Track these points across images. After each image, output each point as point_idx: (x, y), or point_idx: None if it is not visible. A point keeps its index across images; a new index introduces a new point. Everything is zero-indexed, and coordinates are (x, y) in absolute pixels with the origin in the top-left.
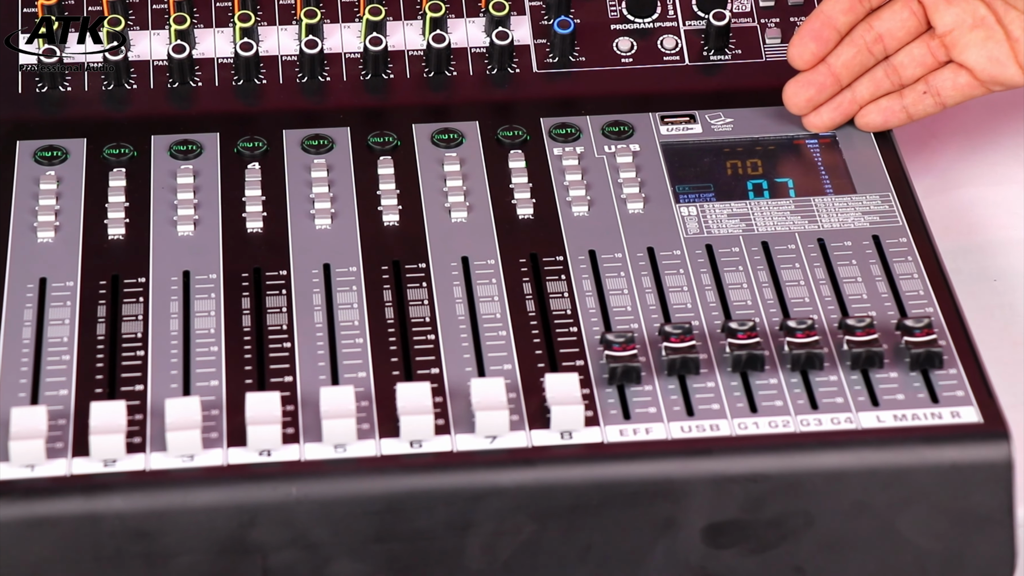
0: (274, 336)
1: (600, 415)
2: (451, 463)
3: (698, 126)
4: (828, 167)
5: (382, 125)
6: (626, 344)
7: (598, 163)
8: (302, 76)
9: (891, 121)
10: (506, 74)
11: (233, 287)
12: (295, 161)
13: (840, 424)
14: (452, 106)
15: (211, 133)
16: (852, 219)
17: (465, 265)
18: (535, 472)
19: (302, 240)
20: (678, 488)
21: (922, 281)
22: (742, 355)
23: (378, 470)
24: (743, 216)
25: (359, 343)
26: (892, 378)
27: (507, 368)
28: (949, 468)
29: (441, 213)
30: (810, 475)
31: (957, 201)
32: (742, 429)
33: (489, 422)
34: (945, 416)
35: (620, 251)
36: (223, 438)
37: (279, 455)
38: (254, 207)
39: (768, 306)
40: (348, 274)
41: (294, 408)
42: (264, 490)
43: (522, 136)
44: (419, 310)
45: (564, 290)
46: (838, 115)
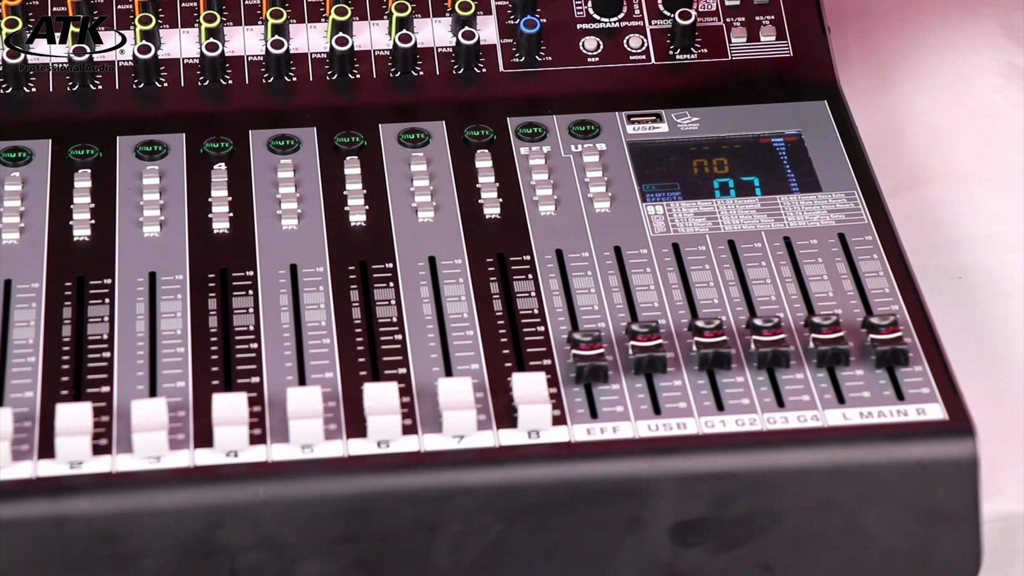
0: (241, 337)
1: (567, 414)
2: (418, 463)
3: (664, 125)
4: (794, 166)
5: (349, 125)
6: (593, 343)
7: (565, 162)
8: (268, 76)
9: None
10: (472, 74)
11: (199, 288)
12: (261, 161)
13: (806, 422)
14: (419, 106)
15: (177, 134)
16: (818, 217)
17: (432, 265)
18: (502, 471)
19: (269, 240)
20: (645, 487)
21: (887, 279)
22: (709, 353)
23: (345, 470)
24: (709, 215)
25: (326, 343)
26: (858, 376)
27: (474, 368)
28: (915, 465)
29: (408, 213)
30: (777, 473)
31: (922, 199)
32: (709, 427)
33: (456, 422)
34: (911, 413)
35: (587, 250)
36: (190, 439)
37: (246, 456)
38: (220, 208)
39: (735, 304)
40: (315, 274)
41: (261, 409)
42: (231, 491)
43: (489, 136)
44: (386, 310)
45: (531, 289)
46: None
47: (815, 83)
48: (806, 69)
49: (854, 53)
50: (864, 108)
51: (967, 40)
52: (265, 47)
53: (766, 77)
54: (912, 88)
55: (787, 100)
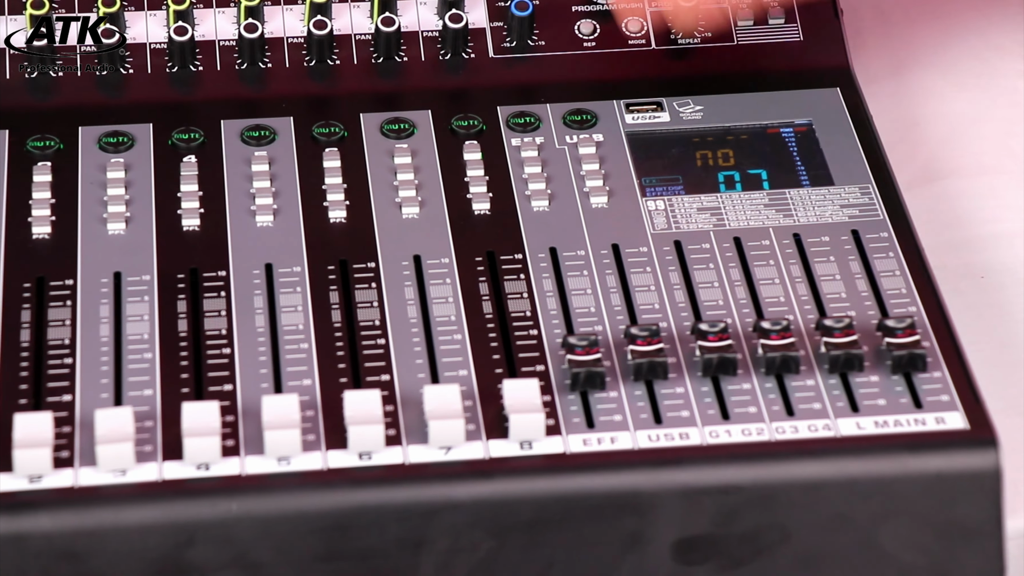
0: (212, 341)
1: (562, 423)
2: (403, 476)
3: (666, 114)
4: (804, 157)
5: (328, 115)
6: (589, 348)
7: (559, 154)
8: (241, 62)
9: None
10: (460, 59)
11: (168, 289)
12: (234, 153)
13: (818, 431)
14: (403, 94)
15: (144, 124)
16: (830, 213)
17: (417, 264)
18: (493, 485)
19: (242, 238)
20: (645, 501)
21: (904, 278)
22: (713, 359)
23: (325, 484)
24: (714, 210)
25: (304, 348)
26: (873, 382)
27: (462, 374)
28: (934, 478)
29: (391, 209)
30: (786, 486)
31: (941, 193)
32: (713, 437)
33: (443, 432)
34: (929, 422)
35: (583, 248)
36: (158, 451)
37: (218, 469)
38: (190, 203)
39: (741, 306)
40: (292, 274)
41: (234, 418)
42: (202, 507)
43: (478, 126)
44: (368, 312)
45: (523, 290)
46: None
47: (827, 69)
48: (817, 54)
49: (868, 37)
50: (879, 96)
51: (990, 22)
52: (238, 31)
53: (774, 63)
54: (931, 74)
55: (797, 87)
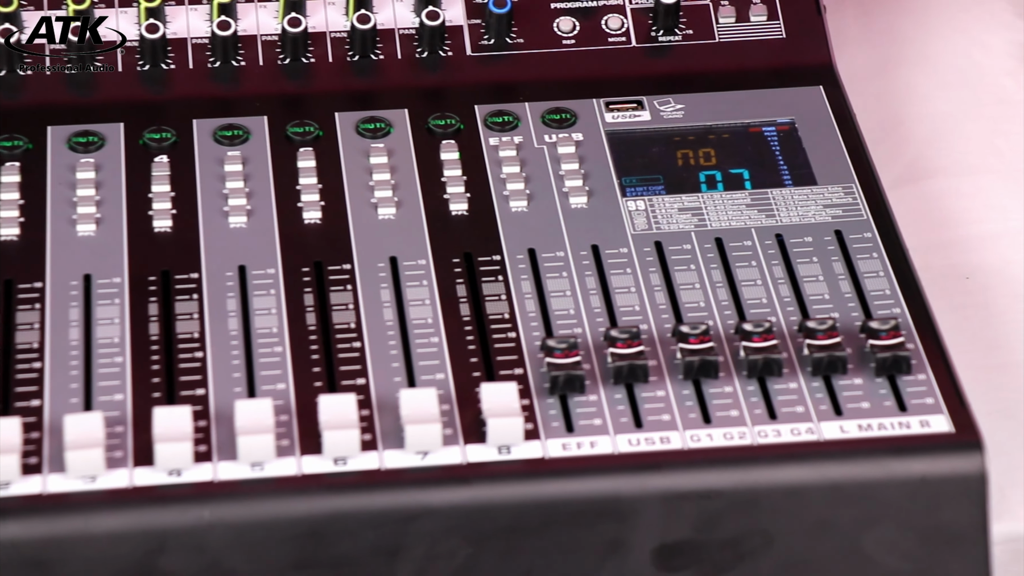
0: (184, 345)
1: (541, 428)
2: (379, 482)
3: (646, 113)
4: (787, 157)
5: (302, 114)
6: (569, 350)
7: (538, 154)
8: (214, 60)
9: None
10: (437, 57)
11: (139, 292)
12: (207, 153)
13: (800, 435)
14: (378, 92)
15: (114, 123)
16: (813, 213)
17: (393, 266)
18: (470, 490)
19: (215, 240)
20: (626, 506)
21: (888, 280)
22: (694, 361)
23: (299, 490)
24: (695, 210)
25: (278, 352)
26: (856, 385)
27: (439, 378)
28: (918, 482)
29: (367, 209)
30: (768, 491)
31: (926, 193)
32: (695, 441)
33: (420, 436)
34: (914, 425)
35: (562, 249)
36: (128, 457)
37: (190, 475)
38: (162, 204)
39: (722, 308)
40: (265, 276)
41: (207, 423)
42: (174, 514)
43: (455, 125)
44: (343, 315)
45: (501, 292)
46: None
47: (810, 67)
48: (800, 51)
49: (852, 34)
50: (863, 94)
51: (975, 20)
52: (211, 28)
53: (756, 60)
54: (915, 72)
55: (779, 85)
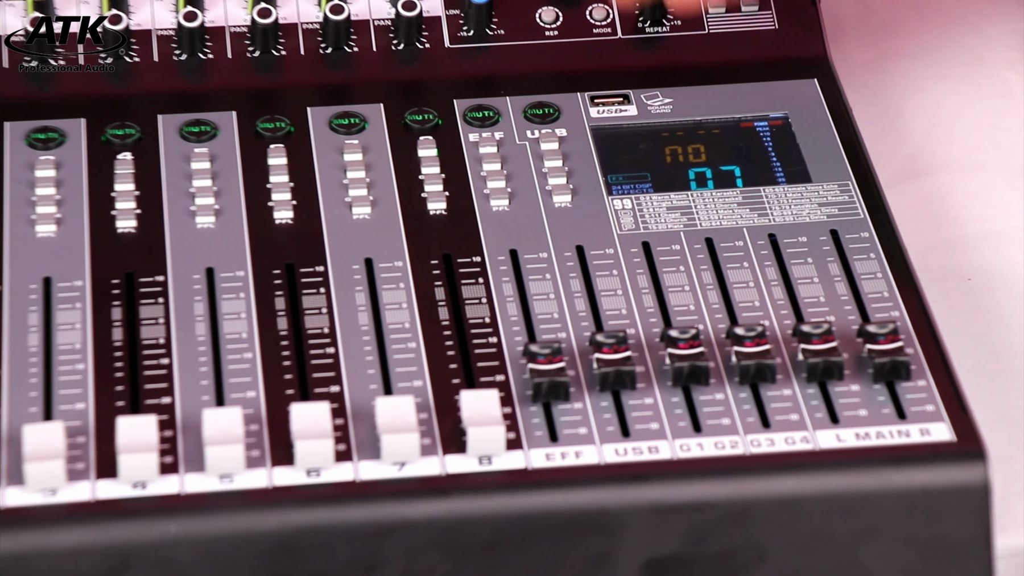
0: (149, 351)
1: (523, 437)
2: (354, 494)
3: (633, 107)
4: (780, 153)
5: (273, 109)
6: (552, 356)
7: (520, 150)
8: (180, 53)
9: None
10: (414, 49)
11: (102, 295)
12: (173, 150)
13: (795, 444)
14: (353, 86)
15: (75, 119)
16: (807, 212)
17: (369, 268)
18: (449, 503)
19: (181, 241)
20: (613, 519)
21: (886, 281)
22: (684, 367)
23: (270, 503)
24: (684, 209)
25: (247, 358)
26: (853, 392)
27: (417, 385)
28: (918, 493)
29: (341, 208)
30: (762, 503)
31: (926, 190)
32: (684, 451)
33: (397, 446)
34: (913, 434)
35: (545, 250)
36: (91, 469)
37: (155, 488)
38: (126, 203)
39: (713, 311)
40: (235, 279)
41: (173, 433)
42: (138, 528)
43: (433, 120)
44: (316, 320)
45: (482, 295)
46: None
47: (804, 59)
48: (793, 43)
49: (848, 25)
50: (859, 87)
51: (977, 10)
52: (177, 19)
53: (748, 52)
54: (914, 64)
55: (772, 79)
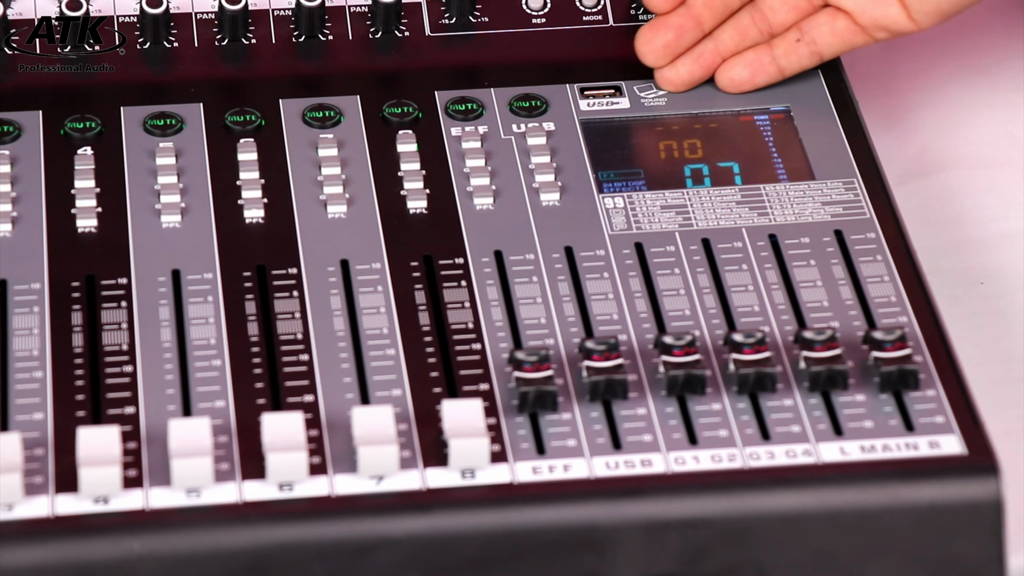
0: (112, 358)
1: (509, 449)
2: (329, 509)
3: (625, 100)
4: (781, 148)
5: (242, 100)
6: (539, 364)
7: (505, 145)
8: (144, 41)
9: (759, 77)
10: (393, 38)
11: (61, 299)
12: (136, 144)
13: (796, 457)
14: (327, 77)
15: (32, 111)
16: (810, 211)
17: (345, 270)
18: (430, 519)
19: (146, 241)
20: (603, 536)
21: (894, 285)
22: (679, 376)
23: (240, 519)
24: (679, 208)
25: (216, 365)
26: (858, 402)
27: (396, 394)
28: (927, 509)
29: (315, 207)
30: (761, 519)
31: (936, 188)
32: (679, 465)
33: (375, 459)
34: (922, 447)
35: (532, 251)
36: (50, 483)
37: (118, 503)
38: (86, 201)
39: (710, 316)
40: (202, 282)
41: (137, 445)
42: (100, 545)
43: (413, 113)
44: (289, 324)
45: (465, 299)
46: (697, 68)
47: None
48: None
49: None
50: (866, 78)
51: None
52: (139, 5)
53: None
54: (925, 54)
55: None
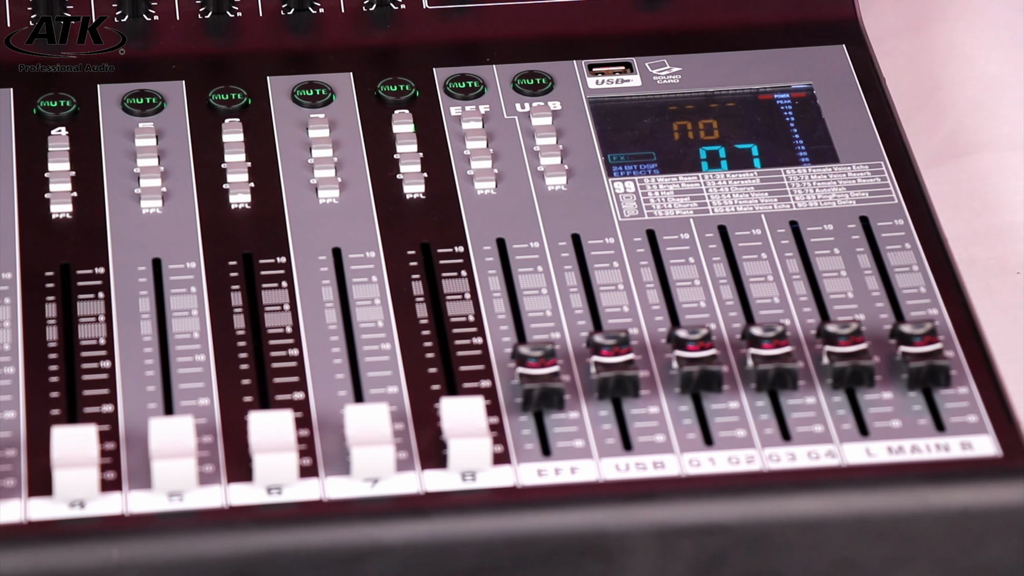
0: (88, 353)
1: (512, 450)
2: (320, 514)
3: (636, 77)
4: (803, 129)
5: (228, 78)
6: (545, 359)
7: (508, 126)
8: (123, 14)
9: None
10: (388, 10)
11: (34, 289)
12: (113, 124)
13: (819, 459)
14: (318, 53)
15: (2, 89)
16: (834, 196)
17: (337, 259)
18: (429, 525)
19: (124, 228)
20: (613, 543)
21: (923, 275)
22: (693, 372)
23: (225, 525)
24: (694, 193)
25: (200, 360)
26: (885, 400)
27: (392, 391)
28: (959, 514)
29: (305, 192)
30: (781, 525)
31: (968, 171)
32: (694, 467)
33: (369, 461)
34: (953, 448)
35: (537, 239)
36: (22, 486)
37: (96, 507)
38: (60, 185)
39: (727, 309)
40: (185, 271)
41: (115, 446)
42: (76, 553)
43: (409, 91)
44: (278, 317)
45: (465, 290)
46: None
47: (830, 22)
48: (819, 3)
49: None
50: (894, 54)
51: None
52: None
53: (767, 14)
54: (956, 28)
55: (794, 44)
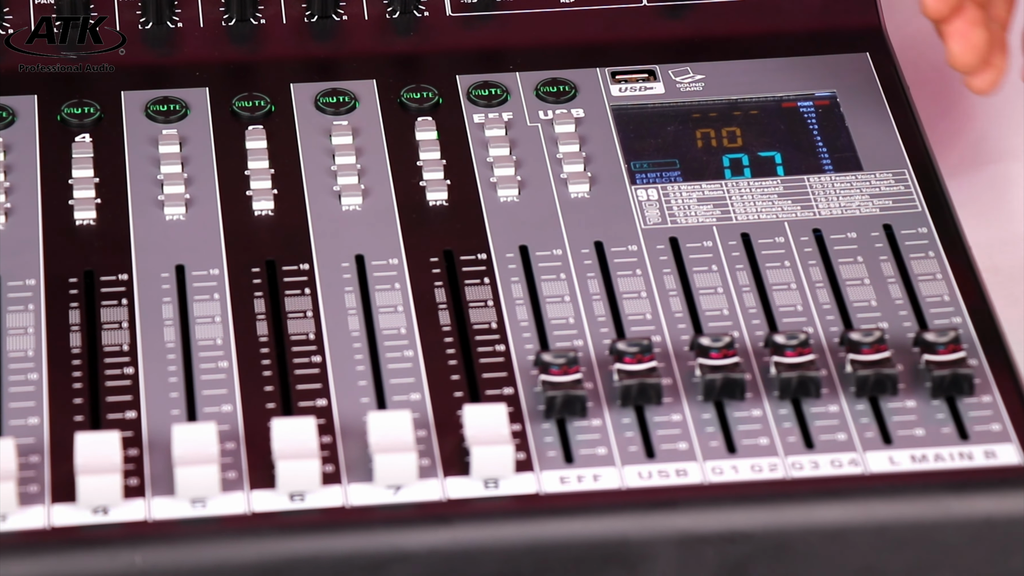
0: (112, 359)
1: (534, 458)
2: (342, 521)
3: (659, 85)
4: (827, 137)
5: (251, 85)
6: (567, 366)
7: (531, 133)
8: (146, 21)
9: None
10: (412, 18)
11: (58, 296)
12: (138, 131)
13: (842, 468)
14: (342, 60)
15: (27, 95)
16: (858, 204)
17: (360, 266)
18: (451, 532)
19: (147, 234)
20: (635, 551)
21: (947, 283)
22: (716, 380)
23: (248, 531)
24: (717, 201)
25: (223, 367)
26: (909, 408)
27: (415, 398)
28: (982, 523)
29: (328, 198)
30: (804, 534)
31: (993, 180)
32: (716, 475)
33: (392, 468)
34: (977, 456)
35: (560, 247)
36: (46, 492)
37: (119, 513)
38: (84, 191)
39: (750, 317)
40: (208, 278)
41: (139, 452)
42: (99, 559)
43: (433, 99)
44: (300, 324)
45: (488, 297)
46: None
47: (854, 30)
48: (843, 11)
49: None
50: (918, 62)
51: None
52: None
53: (791, 22)
54: None
55: (818, 52)
